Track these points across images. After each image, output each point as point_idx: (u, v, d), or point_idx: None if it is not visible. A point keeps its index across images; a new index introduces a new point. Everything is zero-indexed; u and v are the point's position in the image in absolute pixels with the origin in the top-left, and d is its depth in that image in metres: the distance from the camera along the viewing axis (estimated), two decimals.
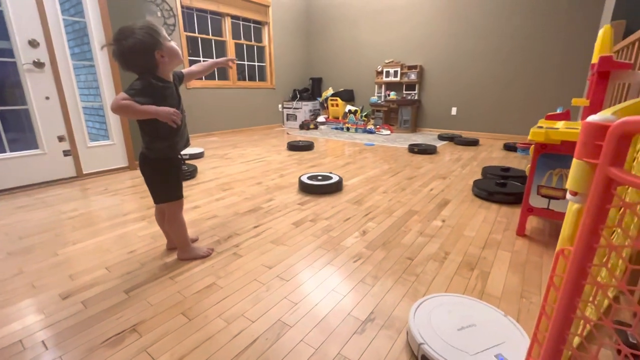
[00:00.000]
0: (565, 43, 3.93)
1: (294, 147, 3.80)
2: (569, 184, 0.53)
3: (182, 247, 1.37)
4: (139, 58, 1.11)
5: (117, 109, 1.06)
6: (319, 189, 2.22)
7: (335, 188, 2.28)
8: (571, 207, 0.56)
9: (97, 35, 2.59)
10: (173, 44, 1.18)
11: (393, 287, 1.18)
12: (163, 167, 1.28)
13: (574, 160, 0.52)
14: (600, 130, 0.48)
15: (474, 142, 4.08)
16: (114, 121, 2.77)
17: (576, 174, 0.52)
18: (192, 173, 2.65)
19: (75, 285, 1.20)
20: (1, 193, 2.23)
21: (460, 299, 1.05)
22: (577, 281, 0.51)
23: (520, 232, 1.59)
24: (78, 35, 2.62)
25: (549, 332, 0.57)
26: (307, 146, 3.79)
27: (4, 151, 2.27)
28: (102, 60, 2.64)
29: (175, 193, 1.32)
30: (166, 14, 4.14)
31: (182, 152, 1.34)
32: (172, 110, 1.11)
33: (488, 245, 1.51)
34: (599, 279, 0.59)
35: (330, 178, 2.34)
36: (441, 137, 4.54)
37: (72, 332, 0.97)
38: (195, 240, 1.54)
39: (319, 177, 2.36)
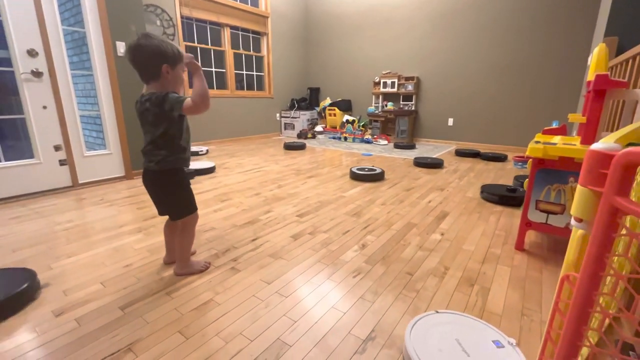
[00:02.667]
0: (559, 57, 4.01)
1: (290, 147, 4.54)
2: (573, 211, 0.53)
3: (182, 262, 1.36)
4: (149, 58, 1.16)
5: (200, 104, 1.14)
6: (368, 177, 2.84)
7: (380, 177, 2.89)
8: (575, 233, 0.56)
9: (96, 44, 2.60)
10: (184, 76, 1.27)
11: (393, 304, 1.17)
12: (179, 179, 1.28)
13: (578, 187, 0.52)
14: (605, 158, 0.48)
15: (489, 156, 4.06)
16: (111, 130, 2.76)
17: (581, 201, 0.52)
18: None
19: (69, 301, 1.18)
20: None
21: (458, 317, 1.05)
22: (584, 309, 0.51)
23: (519, 246, 1.60)
24: (77, 44, 2.63)
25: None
26: (301, 146, 4.56)
27: None
28: (100, 69, 2.64)
29: (194, 205, 1.34)
30: (166, 23, 4.17)
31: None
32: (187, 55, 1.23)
33: (487, 259, 1.50)
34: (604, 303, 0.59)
35: (375, 170, 2.98)
36: (398, 145, 4.57)
37: (65, 352, 0.94)
38: (193, 253, 1.51)
39: (365, 169, 2.99)
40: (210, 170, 3.13)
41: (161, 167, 1.22)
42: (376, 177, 2.87)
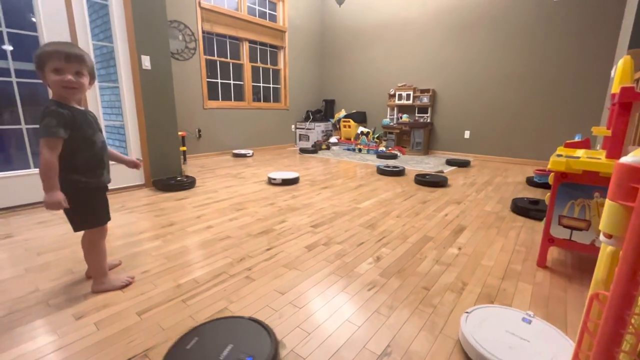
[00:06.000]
0: (581, 69, 3.92)
1: (304, 151, 5.25)
2: (602, 226, 0.52)
3: (97, 278, 1.29)
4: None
5: (43, 168, 1.08)
6: (391, 172, 3.54)
7: (401, 173, 3.56)
8: (605, 249, 0.54)
9: (123, 58, 2.72)
10: (57, 77, 1.09)
11: (409, 319, 1.14)
12: (74, 194, 1.17)
13: (607, 202, 0.51)
14: (635, 172, 0.47)
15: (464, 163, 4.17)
16: (133, 139, 2.86)
17: (610, 216, 0.50)
18: (190, 184, 2.90)
19: (88, 305, 1.21)
20: (23, 208, 2.30)
21: (488, 309, 1.13)
22: (615, 330, 0.48)
23: (541, 263, 1.54)
24: (105, 58, 2.76)
25: None
26: (313, 150, 5.24)
27: (28, 167, 2.35)
28: (126, 81, 2.76)
29: (95, 219, 1.25)
30: (188, 38, 4.34)
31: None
32: (60, 200, 1.09)
33: (507, 276, 1.45)
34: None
35: (398, 167, 3.65)
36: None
37: (84, 355, 0.96)
38: (117, 265, 1.49)
39: (390, 167, 3.68)
40: (295, 181, 3.13)
41: (62, 184, 1.14)
42: (398, 173, 3.53)
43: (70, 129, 1.13)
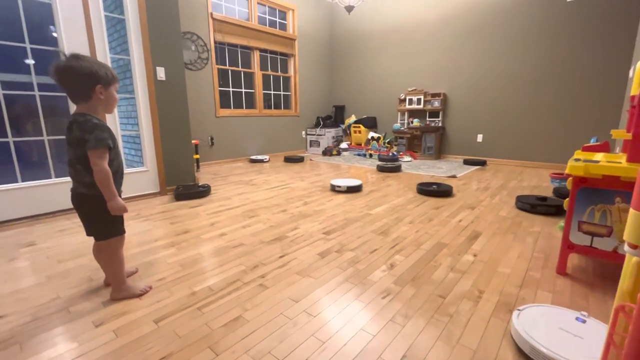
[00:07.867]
0: (596, 71, 3.83)
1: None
2: (627, 236, 0.50)
3: (116, 286, 1.32)
4: (81, 80, 1.15)
5: (97, 175, 1.16)
6: (389, 169, 3.97)
7: (397, 169, 4.05)
8: (630, 260, 0.52)
9: (139, 70, 2.81)
10: (117, 96, 1.28)
11: (425, 328, 1.12)
12: (104, 203, 1.21)
13: (631, 211, 0.49)
14: None
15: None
16: (148, 148, 2.93)
17: (635, 226, 0.49)
18: (204, 192, 2.94)
19: (107, 312, 1.23)
20: (45, 216, 2.38)
21: (541, 308, 1.17)
22: None
23: (561, 270, 1.49)
24: (122, 70, 2.85)
25: None
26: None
27: (49, 177, 2.43)
28: (142, 92, 2.84)
29: (118, 228, 1.31)
30: (200, 48, 4.44)
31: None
32: (124, 206, 1.22)
33: (526, 284, 1.42)
34: None
35: (394, 164, 4.08)
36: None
37: None
38: (134, 273, 1.52)
39: (389, 164, 4.11)
40: (358, 189, 3.09)
41: (88, 191, 1.21)
42: (396, 169, 3.99)
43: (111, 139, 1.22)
